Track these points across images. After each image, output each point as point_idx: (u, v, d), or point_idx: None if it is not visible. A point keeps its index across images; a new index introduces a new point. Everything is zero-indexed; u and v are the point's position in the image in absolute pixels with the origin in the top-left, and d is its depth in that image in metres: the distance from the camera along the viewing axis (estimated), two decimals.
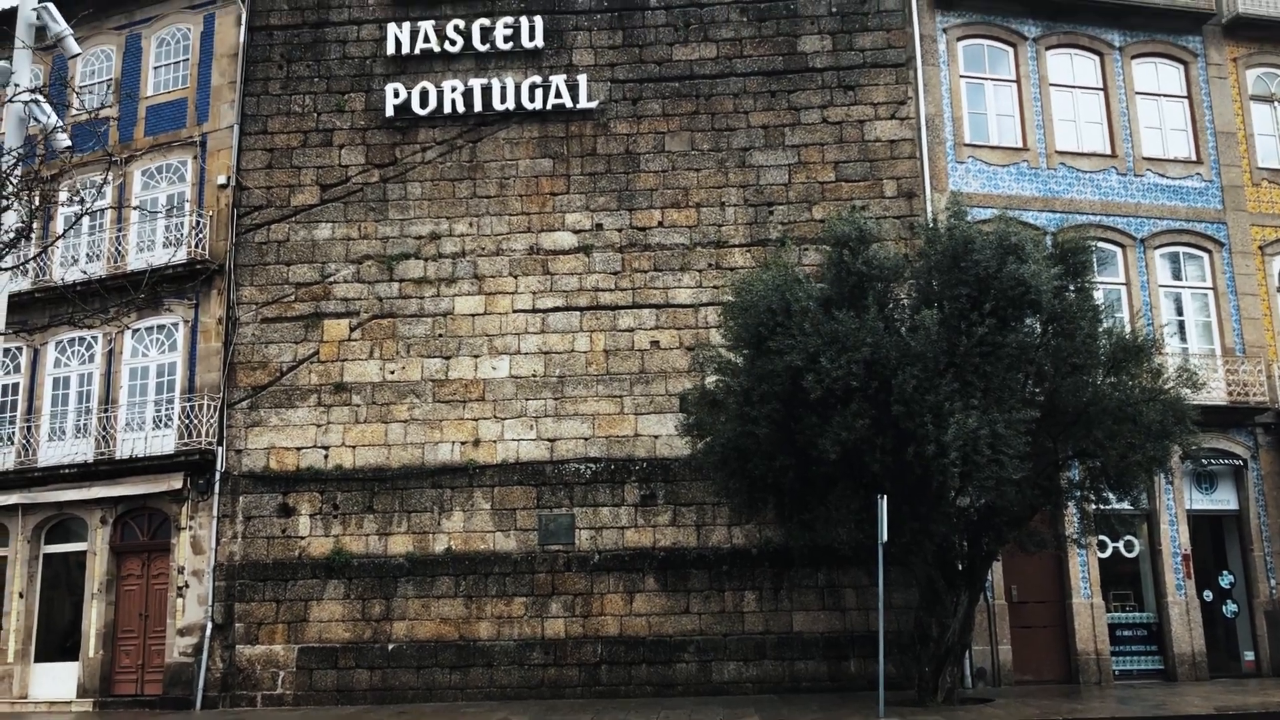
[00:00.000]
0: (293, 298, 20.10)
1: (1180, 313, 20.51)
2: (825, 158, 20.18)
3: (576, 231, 20.08)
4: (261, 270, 20.28)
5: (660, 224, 20.03)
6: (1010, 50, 20.95)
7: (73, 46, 10.19)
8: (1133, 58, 21.35)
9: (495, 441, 19.29)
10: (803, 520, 15.93)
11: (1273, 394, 19.80)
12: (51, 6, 10.22)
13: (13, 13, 10.48)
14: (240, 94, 20.97)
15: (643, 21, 20.88)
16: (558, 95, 20.45)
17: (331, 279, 20.12)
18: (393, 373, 19.68)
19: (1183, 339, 20.23)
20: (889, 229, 19.43)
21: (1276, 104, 21.80)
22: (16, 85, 8.81)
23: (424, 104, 20.52)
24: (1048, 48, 21.03)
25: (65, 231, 8.50)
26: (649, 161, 20.31)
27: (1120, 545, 19.16)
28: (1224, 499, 19.94)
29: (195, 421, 19.57)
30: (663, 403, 19.24)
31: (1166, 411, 14.88)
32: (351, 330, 19.91)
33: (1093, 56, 21.26)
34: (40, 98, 9.16)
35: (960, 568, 15.93)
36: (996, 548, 16.20)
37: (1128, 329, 16.71)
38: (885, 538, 14.70)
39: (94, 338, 20.64)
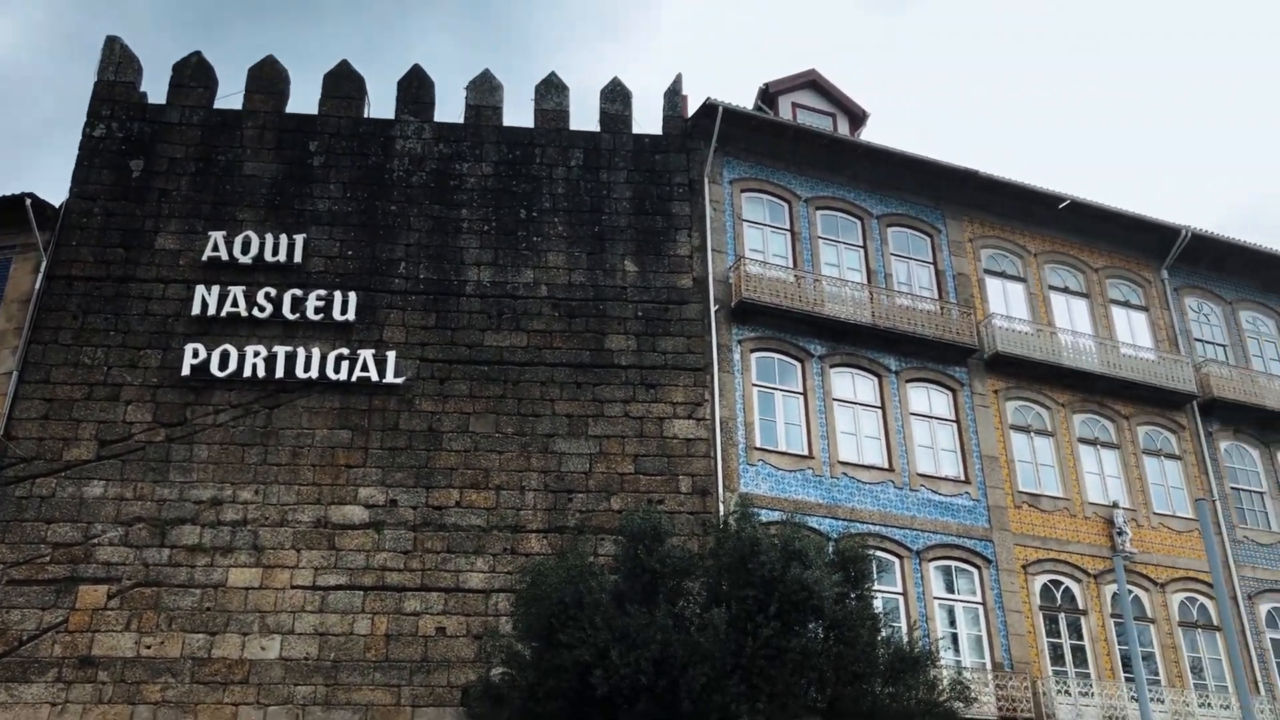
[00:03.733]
0: (48, 559, 18.50)
1: (954, 625, 21.35)
2: (625, 450, 20.67)
3: (369, 506, 19.56)
4: (17, 527, 18.70)
5: (458, 504, 19.79)
6: (799, 365, 22.49)
7: None
8: (907, 381, 23.25)
9: None
10: None
11: (1038, 711, 20.51)
12: None
13: None
14: (25, 341, 20.06)
15: (457, 306, 21.48)
16: (364, 369, 20.47)
17: (96, 540, 18.71)
18: (149, 648, 18.05)
19: (956, 651, 20.95)
20: (683, 524, 19.77)
21: (1033, 434, 23.97)
22: None
23: (223, 366, 20.12)
24: (832, 365, 22.70)
25: None
26: (451, 441, 20.29)
27: None
28: None
29: None
30: (443, 695, 18.26)
31: None
32: (109, 598, 18.34)
33: (872, 377, 23.04)
34: None
35: None
36: None
37: (905, 639, 17.20)
38: None
39: None
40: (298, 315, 20.82)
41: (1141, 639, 22.43)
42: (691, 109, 24.00)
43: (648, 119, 24.12)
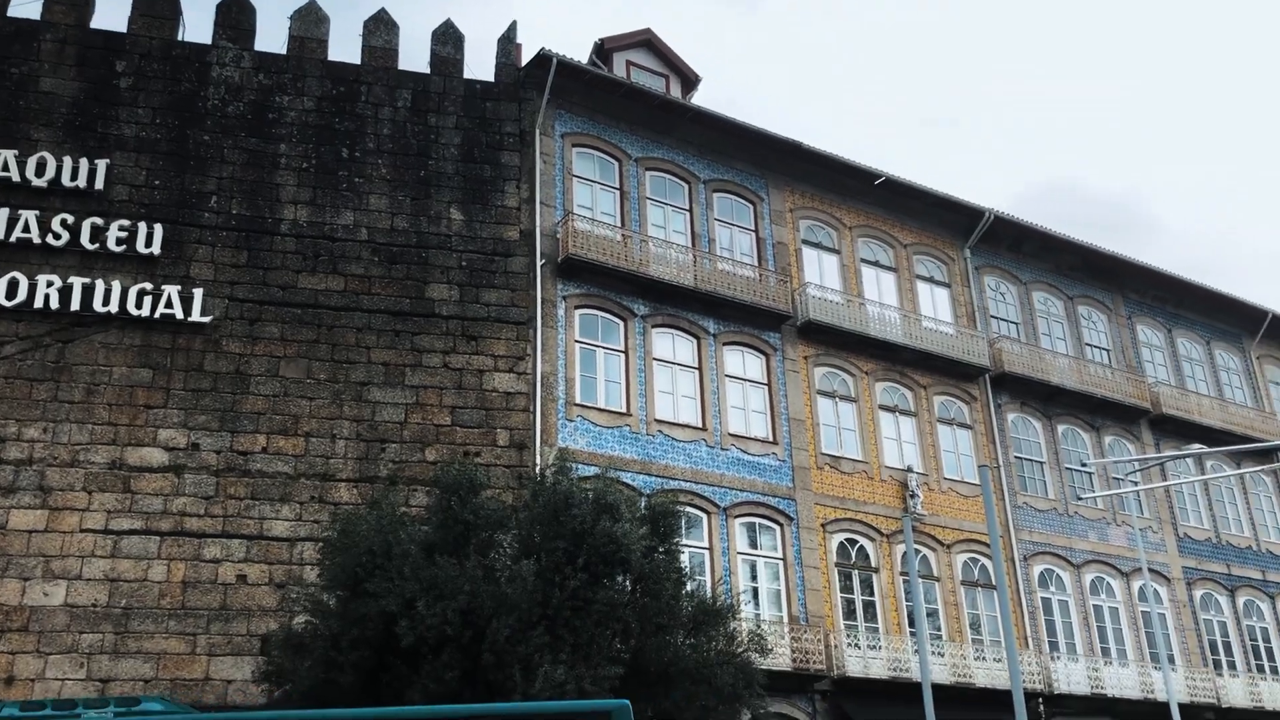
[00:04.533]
0: None
1: (755, 579, 22.18)
2: (443, 402, 20.47)
3: (169, 449, 18.74)
4: None
5: (264, 450, 19.18)
6: (621, 323, 22.73)
7: None
8: (724, 344, 23.85)
9: (33, 680, 16.80)
10: None
11: (830, 662, 21.60)
12: None
13: None
14: None
15: (271, 245, 20.69)
16: (168, 305, 19.52)
17: None
18: None
19: (756, 605, 21.79)
20: (499, 477, 19.78)
21: (838, 400, 25.01)
22: None
23: (11, 295, 18.80)
24: (653, 326, 23.05)
25: None
26: (260, 385, 19.63)
27: None
28: None
29: None
30: (242, 644, 17.78)
31: (738, 675, 15.69)
32: None
33: (691, 339, 23.52)
34: None
35: None
36: None
37: (709, 592, 17.74)
38: None
39: None
40: (97, 245, 19.62)
41: (927, 596, 23.90)
42: (526, 59, 23.72)
43: (480, 67, 23.73)
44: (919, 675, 19.29)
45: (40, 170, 19.87)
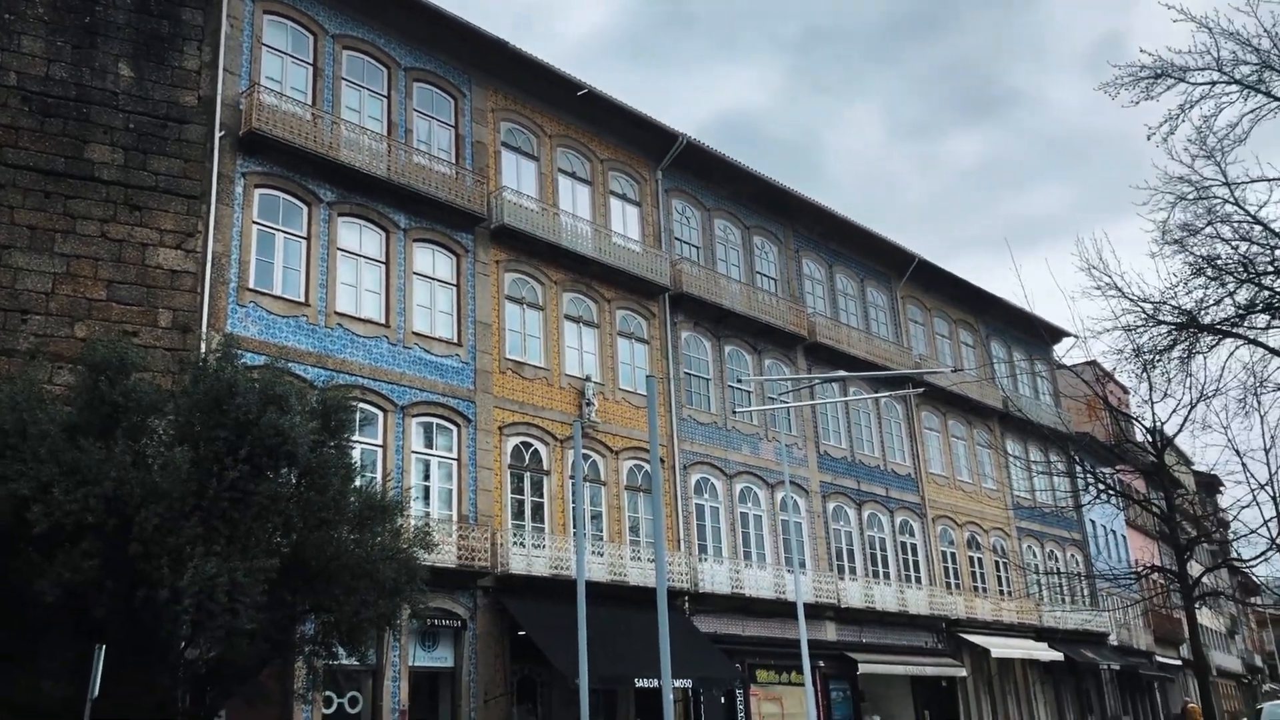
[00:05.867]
0: None
1: (428, 478, 22.26)
2: (99, 274, 18.84)
3: None
4: None
5: None
6: (305, 209, 21.72)
7: None
8: (415, 240, 23.40)
9: None
10: (2, 672, 13.98)
11: (494, 560, 22.17)
12: None
13: None
14: None
15: None
16: None
17: None
18: None
19: (427, 503, 21.91)
20: (157, 360, 18.55)
21: (525, 306, 25.29)
22: None
23: None
24: (340, 214, 22.21)
25: None
26: None
27: (345, 701, 19.66)
28: (443, 656, 21.59)
29: None
30: None
31: (401, 570, 15.81)
32: None
33: (380, 232, 22.89)
34: None
35: None
36: (222, 702, 15.65)
37: (379, 489, 17.62)
38: (96, 692, 13.46)
39: None
40: None
41: (593, 499, 24.95)
42: None
43: None
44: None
45: None
